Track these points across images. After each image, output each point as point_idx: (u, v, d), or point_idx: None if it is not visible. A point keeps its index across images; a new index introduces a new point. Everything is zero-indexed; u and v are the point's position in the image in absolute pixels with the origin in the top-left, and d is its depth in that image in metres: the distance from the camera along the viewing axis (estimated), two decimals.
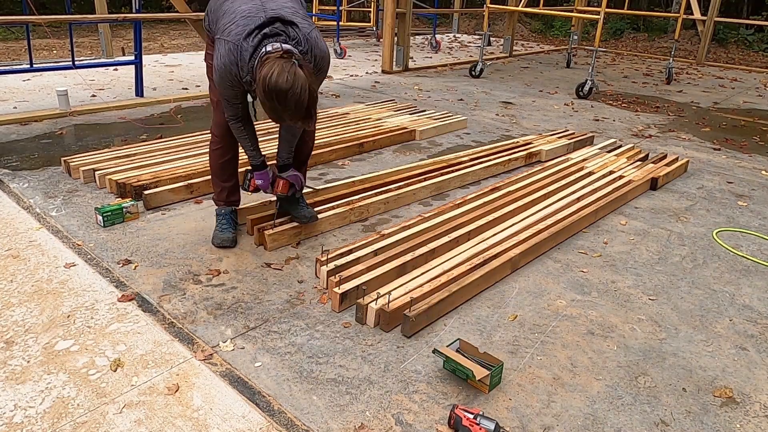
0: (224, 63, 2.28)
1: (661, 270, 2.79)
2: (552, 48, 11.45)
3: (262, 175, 2.67)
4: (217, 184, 2.79)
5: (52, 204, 3.13)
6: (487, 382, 1.89)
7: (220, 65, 2.29)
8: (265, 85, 2.06)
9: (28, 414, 1.73)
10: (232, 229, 2.80)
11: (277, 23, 2.26)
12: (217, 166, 2.76)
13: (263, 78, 2.07)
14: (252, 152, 2.62)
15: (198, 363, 1.97)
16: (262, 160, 2.66)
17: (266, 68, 2.08)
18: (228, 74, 2.30)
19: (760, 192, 3.92)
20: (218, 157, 2.73)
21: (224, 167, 2.76)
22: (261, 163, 2.66)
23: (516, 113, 5.79)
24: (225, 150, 2.72)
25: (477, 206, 3.16)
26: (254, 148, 2.62)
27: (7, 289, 2.35)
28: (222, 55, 2.28)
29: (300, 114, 2.14)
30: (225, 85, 2.36)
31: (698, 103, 6.78)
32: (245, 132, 2.56)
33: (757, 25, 11.90)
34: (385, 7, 7.39)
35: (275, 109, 2.11)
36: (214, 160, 2.75)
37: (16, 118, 4.58)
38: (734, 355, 2.19)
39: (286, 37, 2.26)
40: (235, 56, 2.25)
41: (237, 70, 2.28)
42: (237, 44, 2.24)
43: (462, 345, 2.02)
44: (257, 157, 2.64)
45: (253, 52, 2.22)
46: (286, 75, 2.05)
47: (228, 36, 2.27)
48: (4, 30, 9.67)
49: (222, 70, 2.30)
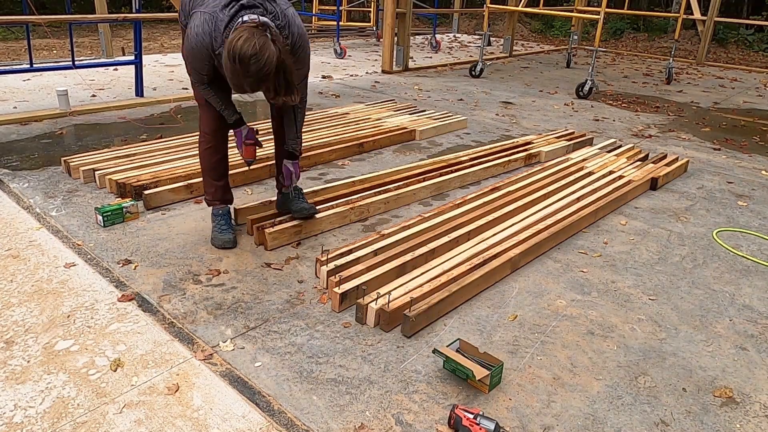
0: (197, 33, 2.25)
1: (661, 270, 2.79)
2: (552, 48, 11.45)
3: (236, 133, 2.64)
4: (210, 183, 2.77)
5: (52, 204, 3.13)
6: (487, 382, 1.89)
7: (193, 35, 2.26)
8: (230, 47, 2.03)
9: (28, 414, 1.73)
10: (231, 229, 2.80)
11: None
12: (209, 165, 2.73)
13: (230, 41, 2.04)
14: (225, 111, 2.58)
15: (198, 363, 1.97)
16: (236, 117, 2.61)
17: (235, 33, 2.06)
18: (200, 45, 2.27)
19: (760, 192, 3.92)
20: (209, 156, 2.71)
21: (216, 166, 2.73)
22: (235, 121, 2.62)
23: (516, 113, 5.79)
24: (216, 149, 2.69)
25: (477, 206, 3.16)
26: (226, 106, 2.57)
27: (7, 289, 2.35)
28: (197, 25, 2.25)
29: (263, 85, 2.11)
30: (197, 57, 2.32)
31: (698, 103, 6.78)
32: (212, 91, 2.50)
33: (757, 25, 11.90)
34: (385, 7, 7.39)
35: (236, 73, 2.06)
36: (206, 159, 2.73)
37: (16, 118, 4.58)
38: (734, 355, 2.19)
39: (263, 9, 2.25)
40: (210, 26, 2.23)
41: (210, 40, 2.25)
42: (213, 15, 2.23)
43: (462, 345, 2.02)
44: (232, 114, 2.59)
45: (229, 22, 2.20)
46: (253, 41, 2.02)
47: (206, 8, 2.26)
48: (4, 30, 9.67)
49: (195, 40, 2.27)
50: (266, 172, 3.62)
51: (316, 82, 6.81)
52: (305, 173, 3.75)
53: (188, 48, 2.32)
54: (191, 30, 2.27)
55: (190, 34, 2.28)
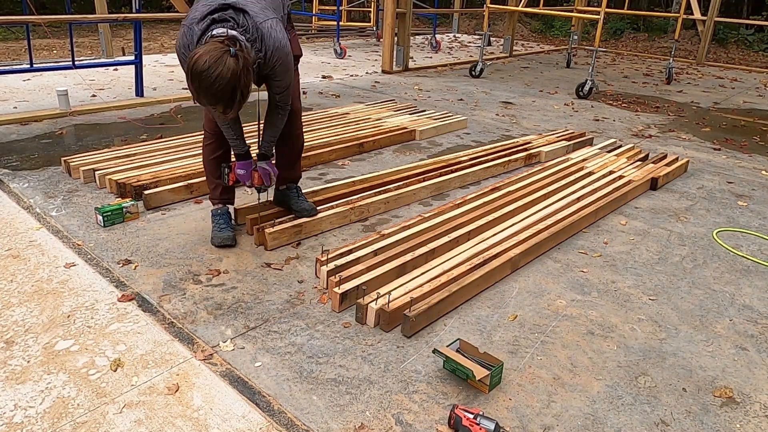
0: (178, 45, 2.37)
1: (661, 270, 2.79)
2: (552, 48, 11.45)
3: (245, 165, 2.69)
4: (211, 181, 2.83)
5: (52, 204, 3.13)
6: (487, 382, 1.89)
7: (177, 47, 2.38)
8: (189, 61, 2.12)
9: (28, 414, 1.73)
10: (230, 228, 2.82)
11: (229, 9, 2.30)
12: (210, 162, 2.80)
13: (190, 57, 2.13)
14: (236, 141, 2.65)
15: (198, 363, 1.97)
16: (246, 150, 2.68)
17: (197, 50, 2.14)
18: (182, 57, 2.35)
19: (760, 192, 3.92)
20: (210, 153, 2.77)
21: (216, 162, 2.79)
22: (245, 153, 2.69)
23: (516, 113, 5.79)
24: (217, 146, 2.75)
25: (477, 206, 3.16)
26: (237, 137, 2.64)
27: (7, 289, 2.35)
28: (179, 38, 2.37)
29: (214, 100, 2.16)
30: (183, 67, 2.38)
31: (698, 103, 6.78)
32: (228, 123, 2.59)
33: (757, 25, 11.90)
34: (385, 7, 7.39)
35: (194, 87, 2.15)
36: (207, 155, 2.80)
37: (16, 118, 4.58)
38: (734, 355, 2.19)
39: (234, 23, 2.29)
40: (187, 38, 2.33)
41: (187, 52, 2.32)
42: (190, 27, 2.32)
43: (462, 345, 2.02)
44: (241, 146, 2.66)
45: (201, 35, 2.28)
46: (207, 57, 2.08)
47: (186, 21, 2.36)
48: (4, 30, 9.67)
49: (178, 53, 2.38)
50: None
51: (316, 82, 6.81)
52: (305, 173, 3.75)
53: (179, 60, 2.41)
54: (177, 41, 2.39)
55: (176, 47, 2.40)
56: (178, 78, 6.47)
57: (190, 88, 2.17)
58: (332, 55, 8.85)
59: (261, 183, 2.72)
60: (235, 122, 2.62)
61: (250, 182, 2.72)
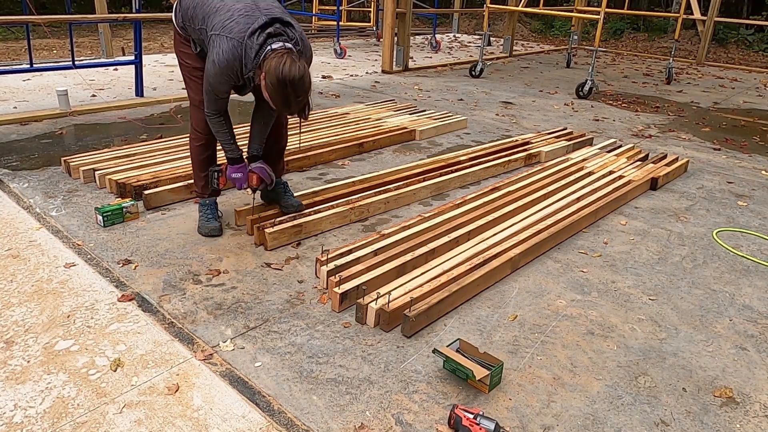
0: (227, 59, 2.38)
1: (661, 270, 2.79)
2: (552, 48, 11.45)
3: (240, 169, 2.75)
4: (200, 177, 2.90)
5: (52, 204, 3.13)
6: (487, 382, 1.89)
7: (222, 60, 2.39)
8: (279, 73, 2.24)
9: (28, 414, 1.73)
10: (217, 219, 2.92)
11: (277, 24, 2.39)
12: (200, 161, 2.87)
13: (275, 68, 2.24)
14: (231, 146, 2.72)
15: (198, 363, 1.97)
16: (240, 153, 2.75)
17: (276, 60, 2.26)
18: (229, 69, 2.41)
19: (760, 192, 3.92)
20: (200, 153, 2.84)
21: (205, 162, 2.87)
22: (240, 157, 2.75)
23: (516, 113, 5.79)
24: (207, 145, 2.83)
25: (477, 206, 3.16)
26: (233, 142, 2.72)
27: (7, 289, 2.35)
28: (225, 51, 2.37)
29: (305, 101, 2.35)
30: (223, 80, 2.46)
31: (698, 103, 6.78)
32: (225, 127, 2.67)
33: (757, 25, 11.90)
34: (385, 7, 7.39)
35: (287, 96, 2.28)
36: (197, 155, 2.86)
37: (16, 118, 4.58)
38: (734, 355, 2.19)
39: (286, 37, 2.39)
40: (239, 52, 2.37)
41: (240, 65, 2.40)
42: (241, 41, 2.36)
43: (462, 345, 2.02)
44: (236, 150, 2.73)
45: (259, 49, 2.34)
46: (298, 65, 2.26)
47: (230, 33, 2.37)
48: (4, 30, 9.67)
49: (224, 65, 2.40)
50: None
51: (316, 82, 6.81)
52: (305, 173, 3.76)
53: (214, 71, 2.43)
54: (219, 55, 2.39)
55: (219, 59, 2.39)
56: (177, 78, 6.47)
57: (282, 95, 2.28)
58: (332, 55, 8.85)
59: (260, 183, 2.75)
60: (230, 126, 2.69)
61: (248, 184, 2.76)
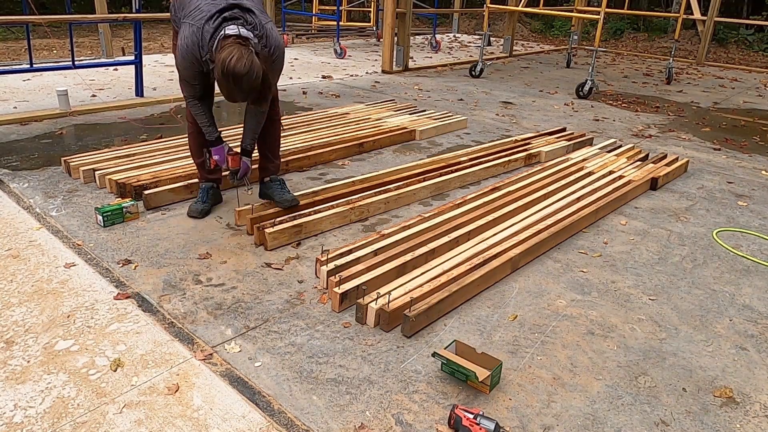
0: (187, 44, 2.50)
1: (661, 270, 2.79)
2: (552, 48, 11.45)
3: (218, 150, 2.88)
4: (196, 163, 3.09)
5: (52, 204, 3.13)
6: (488, 383, 1.89)
7: (183, 46, 2.51)
8: (223, 67, 2.29)
9: (28, 414, 1.73)
10: (204, 202, 3.06)
11: (236, 9, 2.48)
12: (195, 147, 3.03)
13: (222, 60, 2.29)
14: (208, 128, 2.84)
15: (198, 363, 1.97)
16: (217, 135, 2.87)
17: (226, 52, 2.31)
18: (190, 55, 2.52)
19: (760, 192, 3.92)
20: (194, 140, 3.02)
21: (200, 149, 3.00)
22: (217, 139, 2.87)
23: (516, 113, 5.79)
24: (199, 133, 2.94)
25: (477, 206, 3.16)
26: (210, 124, 2.84)
27: (7, 289, 2.35)
28: (186, 36, 2.50)
29: (251, 96, 2.45)
30: (186, 65, 2.57)
31: (698, 103, 6.78)
32: (201, 109, 2.80)
33: (757, 25, 11.90)
34: (385, 7, 7.39)
35: (231, 89, 2.36)
36: (192, 142, 3.04)
37: (16, 118, 4.58)
38: (734, 355, 2.19)
39: (244, 21, 2.45)
40: (197, 38, 2.48)
41: (198, 50, 2.50)
42: (200, 27, 2.47)
43: (458, 347, 2.02)
44: (213, 132, 2.85)
45: (213, 33, 2.43)
46: (244, 61, 2.29)
47: (193, 20, 2.50)
48: (4, 30, 9.67)
49: (184, 51, 2.51)
50: None
51: (316, 82, 6.81)
52: (305, 173, 3.76)
53: (180, 58, 2.57)
54: (181, 41, 2.52)
55: (181, 45, 2.52)
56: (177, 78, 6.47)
57: (226, 88, 2.35)
58: (332, 55, 8.85)
59: (236, 165, 2.89)
60: (208, 109, 2.82)
61: (226, 165, 2.89)
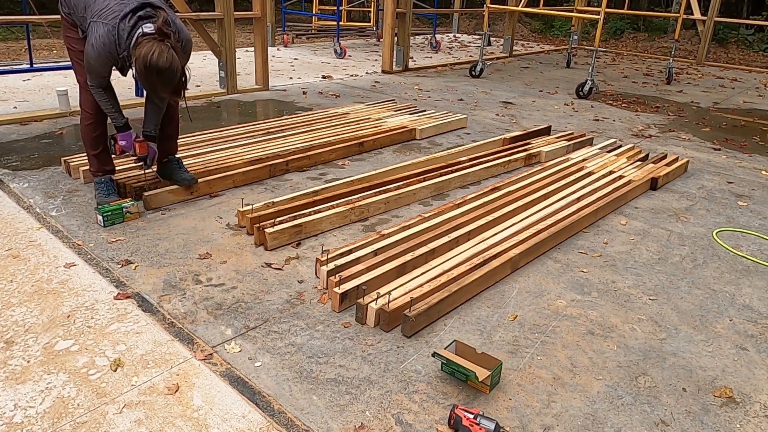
0: (104, 43, 2.61)
1: (661, 270, 2.79)
2: (552, 48, 11.45)
3: (125, 137, 2.97)
4: (92, 156, 3.09)
5: (52, 204, 3.13)
6: (489, 383, 1.89)
7: (100, 44, 2.62)
8: (146, 62, 2.45)
9: (28, 414, 1.73)
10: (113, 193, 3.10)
11: (148, 8, 2.63)
12: (90, 139, 3.06)
13: (143, 56, 2.45)
14: (115, 114, 2.91)
15: (198, 363, 1.97)
16: (125, 122, 2.94)
17: (146, 48, 2.47)
18: (107, 53, 2.64)
19: (760, 192, 3.92)
20: (91, 132, 3.03)
21: (96, 140, 3.06)
22: (124, 125, 2.95)
23: (516, 113, 5.79)
24: (96, 125, 3.01)
25: (477, 206, 3.16)
26: (117, 111, 2.91)
27: (7, 289, 2.35)
28: (101, 35, 2.60)
29: (172, 88, 2.58)
30: (101, 62, 2.68)
31: (698, 103, 6.78)
32: (106, 96, 2.85)
33: (757, 25, 11.90)
34: (385, 7, 7.39)
35: (153, 83, 2.53)
36: (88, 134, 3.04)
37: (16, 118, 4.58)
38: (734, 355, 2.19)
39: (158, 19, 2.56)
40: (114, 36, 2.60)
41: (115, 48, 2.62)
42: (114, 26, 2.59)
43: (458, 347, 2.02)
44: (120, 119, 2.93)
45: (131, 31, 2.57)
46: (165, 56, 2.47)
47: (105, 19, 2.60)
48: (4, 30, 9.67)
49: (101, 49, 2.63)
50: (266, 173, 3.62)
51: (316, 82, 6.81)
52: (305, 173, 3.76)
53: (94, 55, 2.66)
54: (96, 39, 2.62)
55: (96, 44, 2.62)
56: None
57: (149, 82, 2.52)
58: (332, 55, 8.85)
59: (144, 152, 2.97)
60: (112, 96, 2.88)
61: (133, 151, 2.97)
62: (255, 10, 5.92)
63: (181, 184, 3.19)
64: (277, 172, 3.68)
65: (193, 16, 5.64)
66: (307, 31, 11.26)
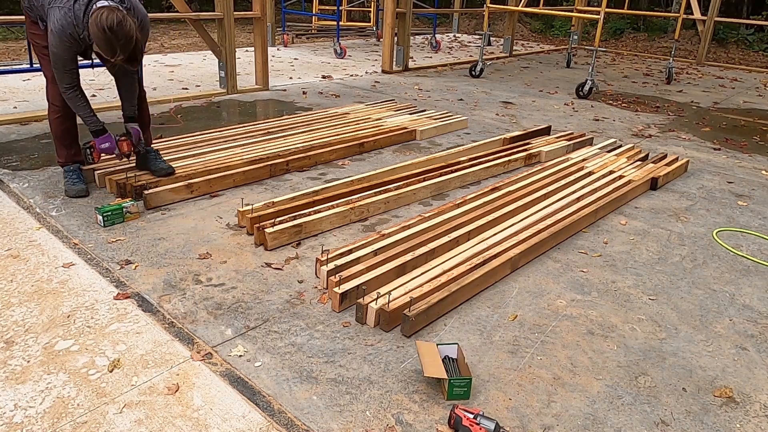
0: (62, 25, 2.64)
1: (661, 270, 2.79)
2: (552, 48, 11.45)
3: (106, 139, 3.00)
4: (61, 147, 3.14)
5: (52, 204, 3.13)
6: (446, 387, 1.84)
7: (58, 28, 2.64)
8: (97, 21, 2.49)
9: (28, 414, 1.73)
10: (82, 182, 3.17)
11: None
12: (60, 132, 3.09)
13: (96, 18, 2.50)
14: (91, 119, 2.94)
15: (198, 363, 1.97)
16: (101, 125, 2.98)
17: (95, 15, 2.52)
18: (65, 35, 2.66)
19: (760, 192, 3.92)
20: (60, 124, 3.07)
21: (66, 133, 3.10)
22: (102, 128, 2.98)
23: (516, 113, 5.79)
24: (64, 117, 3.04)
25: (477, 206, 3.16)
26: (92, 115, 2.94)
27: (7, 289, 2.35)
28: (58, 19, 2.64)
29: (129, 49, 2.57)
30: (63, 47, 2.70)
31: (698, 103, 6.78)
32: (81, 101, 2.89)
33: (757, 25, 11.89)
34: (385, 7, 7.39)
35: (109, 41, 2.52)
36: (57, 126, 3.08)
37: (16, 118, 4.58)
38: (734, 355, 2.19)
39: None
40: (71, 18, 2.64)
41: (74, 29, 2.66)
42: (70, 8, 2.64)
43: (459, 352, 2.00)
44: (97, 123, 2.96)
45: (86, 9, 2.62)
46: (116, 13, 2.52)
47: (60, 3, 2.65)
48: (4, 30, 9.67)
49: (60, 32, 2.65)
50: (266, 173, 3.62)
51: (316, 82, 6.81)
52: (306, 173, 3.76)
53: (55, 41, 2.68)
54: (54, 24, 2.64)
55: (55, 28, 2.65)
56: (177, 78, 6.47)
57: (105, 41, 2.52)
58: (332, 55, 8.85)
59: (130, 149, 2.96)
60: (86, 100, 2.91)
61: (119, 151, 2.97)
62: (255, 10, 5.92)
63: (158, 173, 3.23)
64: (278, 172, 3.68)
65: (193, 16, 5.64)
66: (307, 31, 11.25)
